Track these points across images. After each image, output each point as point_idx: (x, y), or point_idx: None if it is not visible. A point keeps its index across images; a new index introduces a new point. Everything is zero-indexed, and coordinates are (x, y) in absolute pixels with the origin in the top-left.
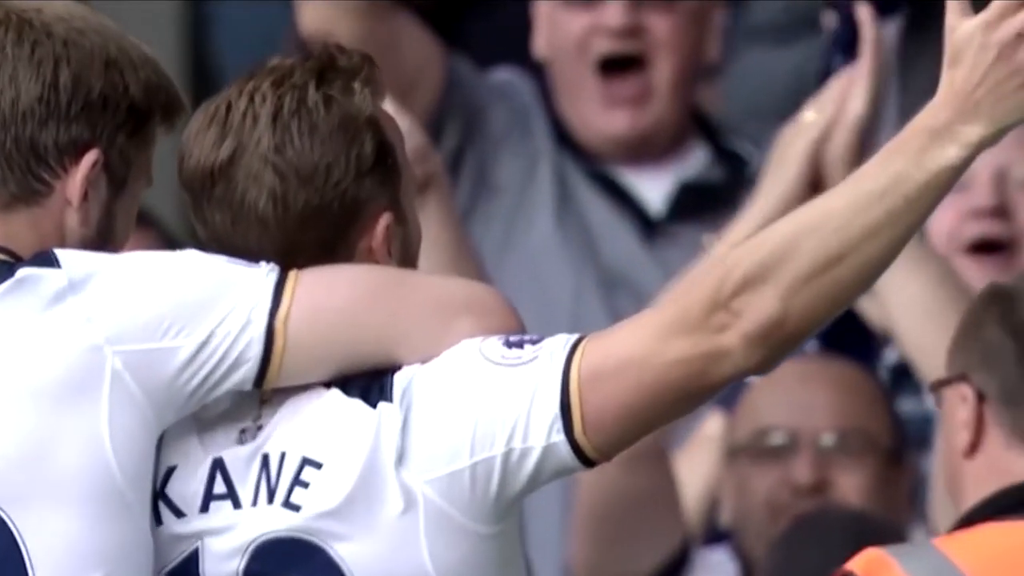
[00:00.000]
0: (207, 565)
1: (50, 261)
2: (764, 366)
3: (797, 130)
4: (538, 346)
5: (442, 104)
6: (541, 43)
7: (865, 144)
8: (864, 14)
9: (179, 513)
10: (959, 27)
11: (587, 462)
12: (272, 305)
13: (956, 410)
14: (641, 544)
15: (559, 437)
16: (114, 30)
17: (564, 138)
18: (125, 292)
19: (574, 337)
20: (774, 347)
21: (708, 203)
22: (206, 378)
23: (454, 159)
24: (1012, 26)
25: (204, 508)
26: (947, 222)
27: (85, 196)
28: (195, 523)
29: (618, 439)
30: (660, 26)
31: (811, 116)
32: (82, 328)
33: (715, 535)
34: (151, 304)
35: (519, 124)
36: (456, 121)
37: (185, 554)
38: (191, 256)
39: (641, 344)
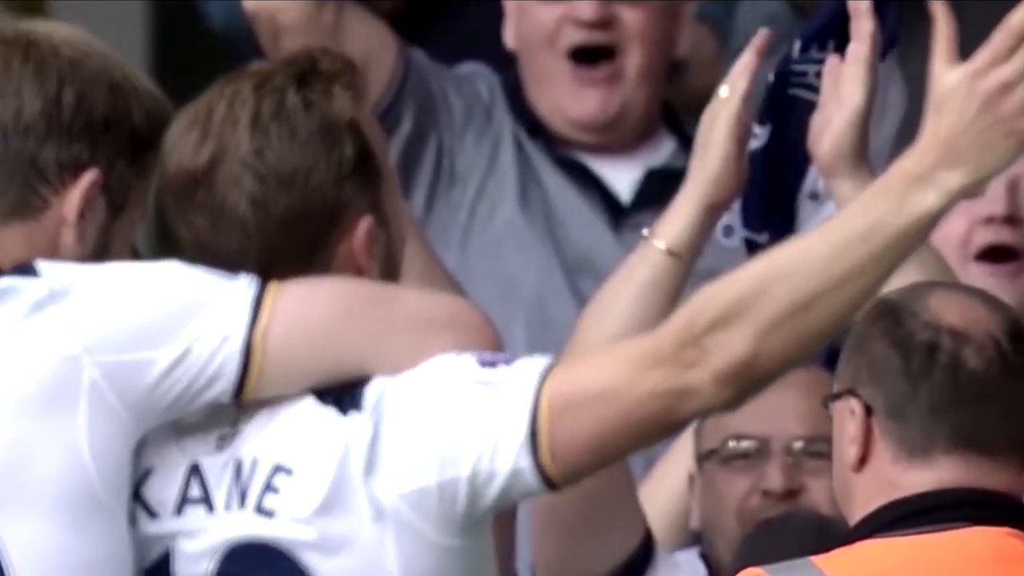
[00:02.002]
0: (179, 566)
1: (30, 271)
2: (733, 403)
3: (715, 110)
4: (511, 367)
5: (397, 92)
6: (510, 34)
7: (864, 136)
8: (862, 6)
9: (152, 514)
10: (945, 74)
11: (552, 486)
12: (251, 320)
13: (845, 424)
14: (599, 543)
15: (526, 463)
16: (120, 59)
17: (533, 127)
18: (105, 303)
19: (547, 361)
20: (743, 386)
21: (674, 190)
22: (184, 391)
23: (413, 147)
24: (998, 76)
25: (178, 511)
26: (959, 229)
27: (83, 215)
28: (168, 525)
29: (584, 467)
30: (631, 18)
31: (725, 92)
32: (61, 337)
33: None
34: (130, 315)
35: (481, 113)
36: (413, 109)
37: (159, 556)
38: (171, 268)
39: (611, 376)
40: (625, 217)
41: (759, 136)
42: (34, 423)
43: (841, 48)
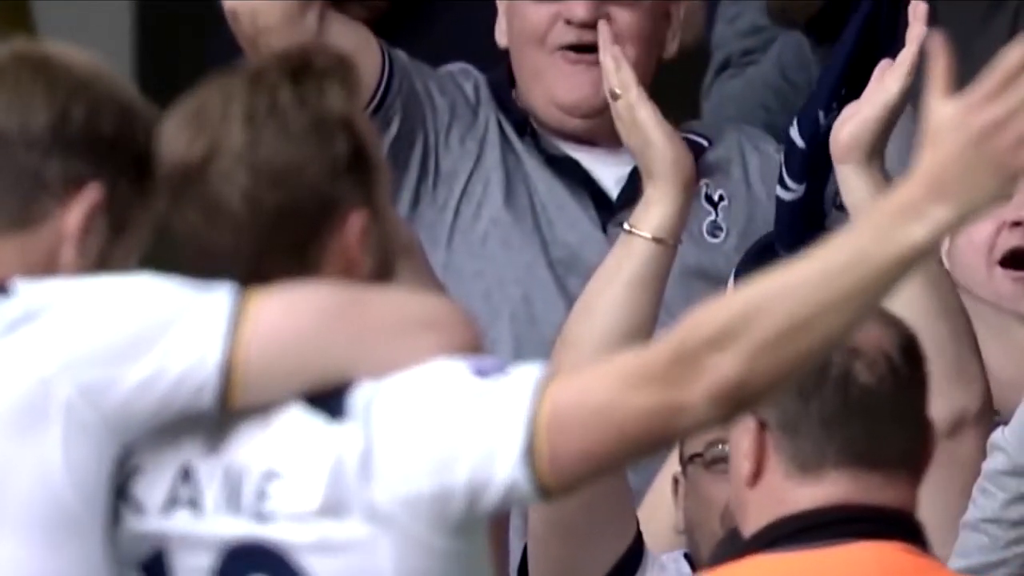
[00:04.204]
0: (175, 566)
1: (6, 291)
2: (723, 421)
3: (625, 110)
4: (506, 376)
5: (384, 94)
6: (502, 33)
7: (884, 134)
8: (920, 9)
9: (139, 511)
10: (939, 108)
11: (546, 497)
12: (229, 336)
13: (740, 439)
14: (598, 545)
15: (522, 475)
16: (131, 86)
17: (521, 125)
18: (79, 321)
19: (541, 371)
20: (734, 406)
21: None
22: (161, 406)
23: (400, 147)
24: (991, 113)
25: (166, 510)
26: (985, 233)
27: (85, 230)
28: (155, 523)
29: (579, 479)
30: (623, 18)
31: (618, 91)
32: (35, 358)
33: None
34: (103, 333)
35: (466, 111)
36: (399, 110)
37: (151, 553)
38: (144, 283)
39: (605, 393)
40: (612, 214)
41: (795, 191)
42: (11, 443)
43: (854, 94)
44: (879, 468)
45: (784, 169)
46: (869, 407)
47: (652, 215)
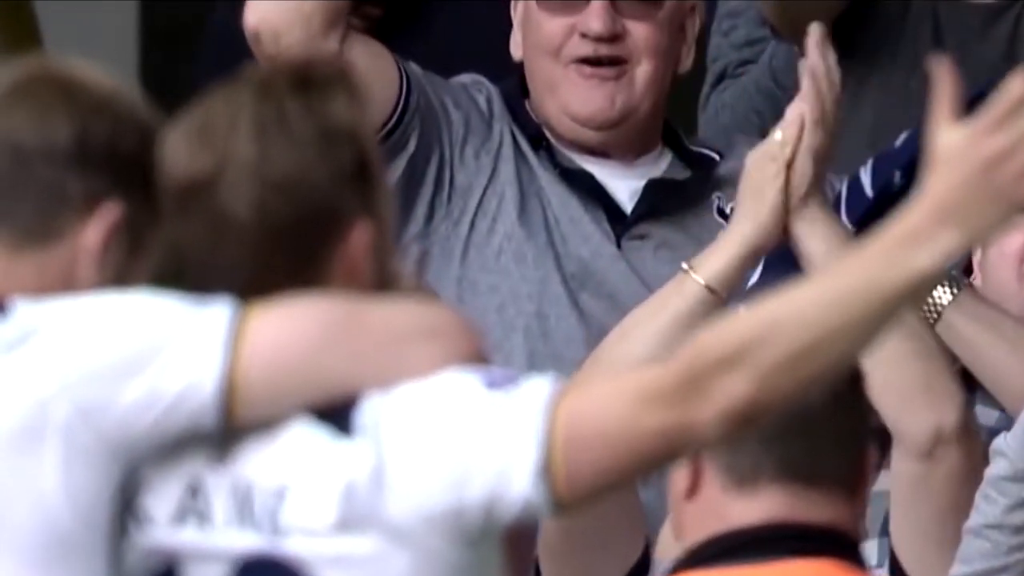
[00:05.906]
0: None
1: (4, 311)
2: (730, 439)
3: (767, 155)
4: (518, 389)
5: (403, 109)
6: (516, 45)
7: (821, 172)
8: (813, 38)
9: (147, 525)
10: (945, 135)
11: (560, 512)
12: (228, 349)
13: None
14: (613, 556)
15: (537, 490)
16: (147, 106)
17: (535, 139)
18: (76, 341)
19: (553, 385)
20: (742, 425)
21: (675, 200)
22: (163, 423)
23: (417, 161)
24: (995, 143)
25: (175, 524)
26: (1016, 244)
27: (105, 247)
28: (165, 537)
29: (592, 495)
30: (639, 32)
31: (779, 137)
32: (33, 378)
33: None
34: (102, 351)
35: (480, 124)
36: (418, 125)
37: (161, 568)
38: (143, 299)
39: (619, 412)
40: (626, 228)
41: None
42: (11, 465)
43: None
44: (816, 485)
45: (844, 207)
46: (807, 423)
47: (713, 262)
